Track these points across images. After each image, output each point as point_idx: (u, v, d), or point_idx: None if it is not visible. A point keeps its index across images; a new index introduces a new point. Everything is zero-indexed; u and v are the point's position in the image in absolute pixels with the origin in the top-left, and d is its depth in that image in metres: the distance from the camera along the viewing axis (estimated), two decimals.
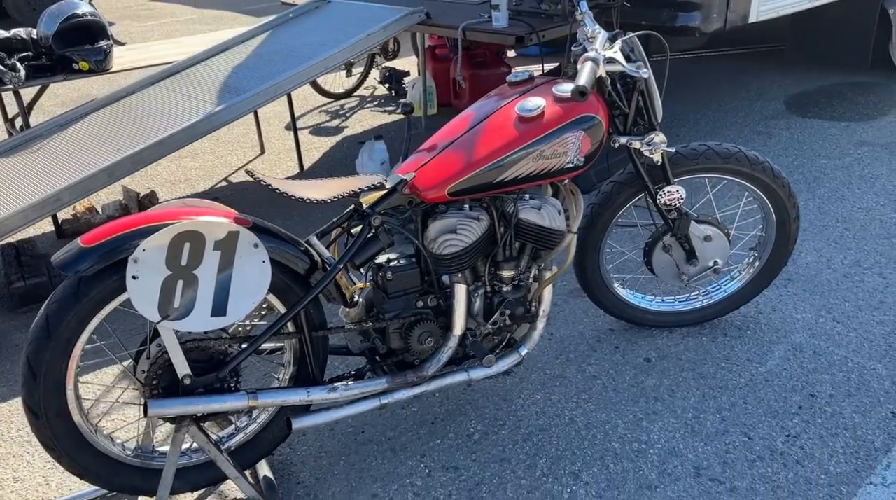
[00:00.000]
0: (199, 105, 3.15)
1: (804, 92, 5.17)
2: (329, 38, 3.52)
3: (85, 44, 3.44)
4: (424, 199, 1.95)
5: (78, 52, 3.42)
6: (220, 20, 9.72)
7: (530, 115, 1.95)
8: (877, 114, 4.66)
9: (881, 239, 3.17)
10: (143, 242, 1.64)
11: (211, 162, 4.66)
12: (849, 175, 3.82)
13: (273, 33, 3.86)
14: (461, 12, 3.89)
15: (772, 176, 2.35)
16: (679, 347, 2.59)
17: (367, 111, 5.62)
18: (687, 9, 3.65)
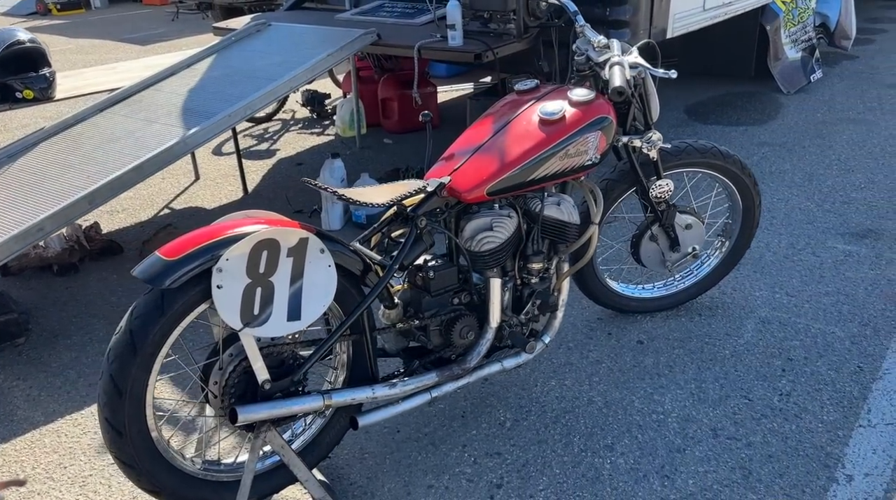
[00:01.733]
0: (166, 129, 3.08)
1: (700, 101, 5.73)
2: (286, 60, 3.55)
3: (28, 71, 3.26)
4: (464, 200, 2.07)
5: (21, 81, 3.25)
6: (101, 49, 9.27)
7: (553, 118, 2.13)
8: (767, 118, 5.25)
9: (804, 224, 3.61)
10: (227, 251, 1.64)
11: (145, 191, 4.49)
12: (760, 172, 4.30)
13: (220, 56, 3.82)
14: (406, 33, 4.03)
15: (741, 167, 2.66)
16: (664, 328, 2.83)
17: (294, 134, 5.61)
18: (618, 27, 3.99)
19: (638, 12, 3.97)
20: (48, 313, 3.15)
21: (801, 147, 4.65)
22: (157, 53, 8.77)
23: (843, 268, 3.18)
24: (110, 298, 3.25)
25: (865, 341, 2.67)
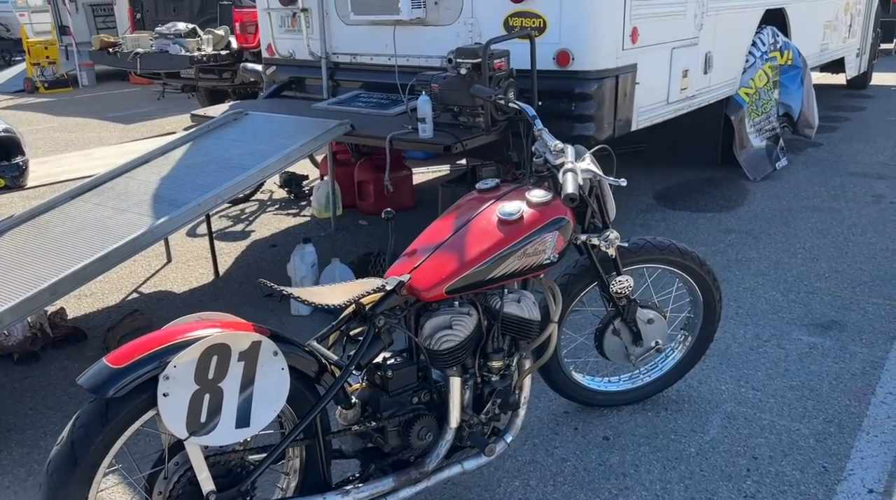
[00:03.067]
0: (135, 218, 3.09)
1: (669, 186, 5.87)
2: (260, 150, 3.61)
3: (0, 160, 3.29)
4: (423, 298, 2.08)
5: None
6: (85, 128, 9.39)
7: (511, 218, 2.17)
8: (733, 205, 5.38)
9: (770, 314, 3.65)
10: (175, 358, 1.63)
11: (115, 274, 4.46)
12: (726, 260, 4.37)
13: (195, 145, 3.88)
14: (381, 124, 4.13)
15: (699, 264, 2.71)
16: (630, 423, 2.81)
17: (270, 215, 5.65)
18: (583, 121, 4.12)
19: (602, 107, 4.11)
20: (3, 404, 3.07)
21: (766, 235, 4.74)
22: (139, 133, 8.90)
23: (807, 361, 3.19)
24: (69, 388, 3.18)
25: (830, 439, 2.66)
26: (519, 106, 2.52)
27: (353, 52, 4.88)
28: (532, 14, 4.09)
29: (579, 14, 3.95)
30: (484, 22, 4.27)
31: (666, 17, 4.46)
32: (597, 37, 3.99)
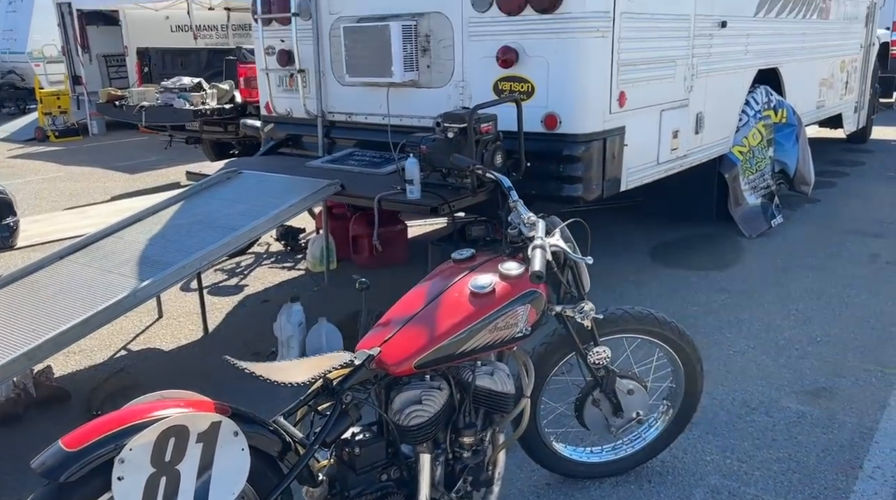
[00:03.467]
0: (119, 280, 3.11)
1: (664, 243, 5.86)
2: (250, 209, 3.65)
3: None
4: (392, 373, 2.06)
5: None
6: (91, 177, 9.53)
7: (483, 291, 2.16)
8: (728, 263, 5.36)
9: (759, 380, 3.60)
10: (131, 440, 1.62)
11: (105, 330, 4.45)
12: (719, 321, 4.33)
13: (187, 203, 3.93)
14: (372, 183, 4.17)
15: (678, 334, 2.69)
16: (612, 496, 2.75)
17: (265, 268, 5.67)
18: (571, 181, 4.15)
19: (590, 168, 4.14)
20: None
21: (760, 295, 4.71)
22: (144, 183, 9.02)
23: (795, 431, 3.14)
24: None
25: None
26: (495, 177, 2.55)
27: (348, 111, 4.96)
28: (520, 79, 4.16)
29: (566, 80, 4.02)
30: (474, 85, 4.35)
31: (654, 81, 4.53)
32: (583, 102, 4.04)
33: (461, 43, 4.33)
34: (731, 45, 5.39)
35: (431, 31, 4.43)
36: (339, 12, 4.77)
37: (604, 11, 3.96)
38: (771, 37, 6.05)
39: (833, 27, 7.50)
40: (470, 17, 4.25)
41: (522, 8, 4.03)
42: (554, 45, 4.01)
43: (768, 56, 6.08)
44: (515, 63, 4.13)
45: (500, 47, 4.14)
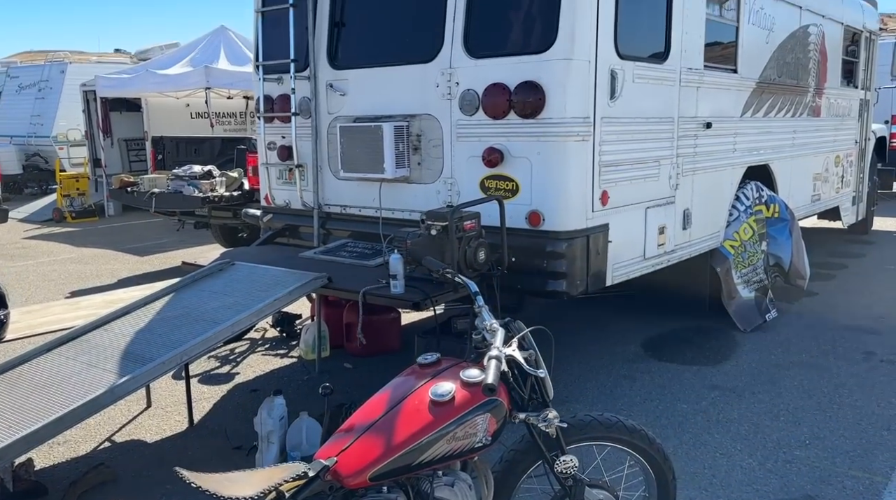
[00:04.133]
0: (100, 375, 3.16)
1: (657, 335, 5.85)
2: (236, 302, 3.72)
3: None
4: (346, 485, 2.07)
5: None
6: (101, 259, 9.73)
7: (443, 399, 2.19)
8: (721, 358, 5.33)
9: (744, 486, 3.53)
10: None
11: (92, 420, 4.47)
12: (707, 420, 4.28)
13: (176, 296, 4.02)
14: (360, 276, 4.26)
15: (648, 442, 2.67)
16: None
17: (259, 355, 5.70)
18: (555, 277, 4.22)
19: (573, 264, 4.21)
20: None
21: (751, 393, 4.66)
22: (151, 265, 9.19)
23: None
24: None
25: None
26: (463, 281, 2.61)
27: (343, 203, 5.11)
28: (506, 177, 4.30)
29: (548, 180, 4.14)
30: (462, 182, 4.49)
31: (637, 180, 4.64)
32: (565, 201, 4.15)
33: (450, 143, 4.50)
34: (718, 144, 5.55)
35: (422, 132, 4.61)
36: (336, 112, 4.99)
37: (583, 117, 4.12)
38: (760, 135, 6.21)
39: (825, 124, 7.69)
40: (458, 119, 4.43)
41: (507, 113, 4.21)
42: (536, 147, 4.16)
43: (758, 153, 6.23)
44: (500, 163, 4.28)
45: (486, 148, 4.30)
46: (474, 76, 4.33)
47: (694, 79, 5.10)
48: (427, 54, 4.52)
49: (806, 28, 6.87)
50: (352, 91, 4.91)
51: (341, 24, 4.99)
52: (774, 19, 6.19)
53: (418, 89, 4.58)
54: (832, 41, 7.55)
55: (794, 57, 6.68)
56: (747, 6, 5.70)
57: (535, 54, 4.11)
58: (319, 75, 5.02)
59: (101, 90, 12.62)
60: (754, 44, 5.92)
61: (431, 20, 4.51)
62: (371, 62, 4.82)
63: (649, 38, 4.72)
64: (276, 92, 5.26)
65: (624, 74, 4.38)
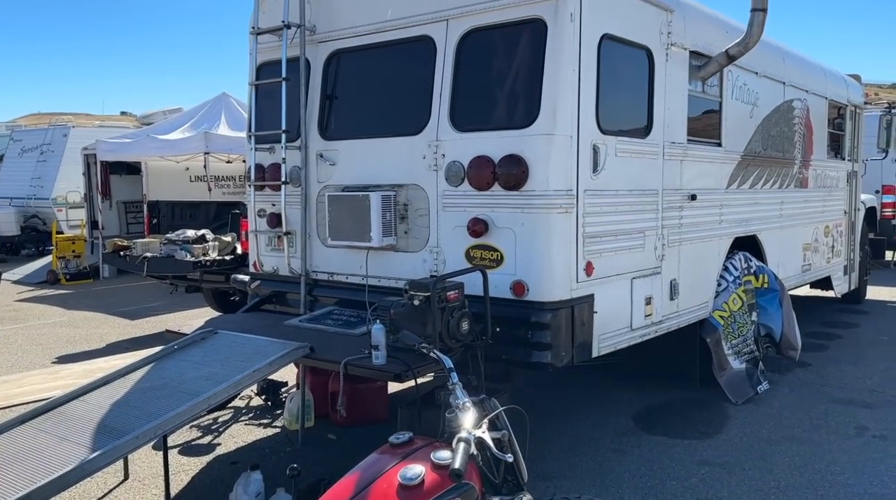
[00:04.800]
0: (73, 449, 3.10)
1: (648, 406, 5.76)
2: (215, 373, 3.68)
3: None
4: None
5: None
6: (91, 322, 9.68)
7: (412, 484, 2.14)
8: (712, 431, 5.23)
9: None
10: None
11: (67, 493, 4.37)
12: (696, 498, 4.17)
13: (156, 366, 3.98)
14: (343, 345, 4.23)
15: None
16: None
17: (242, 425, 5.60)
18: (540, 348, 4.19)
19: (558, 335, 4.18)
20: None
21: (741, 469, 4.57)
22: (142, 330, 9.14)
23: None
24: None
25: None
26: (437, 357, 2.60)
27: (330, 271, 5.12)
28: (490, 247, 4.32)
29: (532, 251, 4.17)
30: (448, 251, 4.51)
31: (622, 251, 4.67)
32: (549, 271, 4.16)
33: (436, 212, 4.55)
34: (703, 215, 5.60)
35: (409, 201, 4.66)
36: (326, 181, 5.06)
37: (566, 190, 4.18)
38: (746, 206, 6.28)
39: (813, 195, 7.78)
40: (444, 190, 4.49)
41: (491, 185, 4.27)
42: (520, 218, 4.20)
43: (745, 224, 6.28)
44: (485, 233, 4.31)
45: (471, 218, 4.34)
46: (460, 149, 4.41)
47: (677, 152, 5.19)
48: (414, 127, 4.61)
49: (790, 102, 7.04)
50: (341, 161, 4.99)
51: (333, 97, 5.11)
52: (758, 94, 6.35)
53: (406, 160, 4.66)
54: (817, 114, 7.72)
55: (779, 130, 6.81)
56: (730, 82, 5.85)
57: (518, 129, 4.19)
58: (310, 145, 5.11)
59: (101, 154, 12.81)
60: (738, 118, 6.05)
61: (419, 94, 4.62)
62: (360, 134, 4.92)
63: (631, 114, 4.83)
64: (268, 161, 5.34)
65: (606, 149, 4.47)
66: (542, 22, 4.13)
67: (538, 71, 4.14)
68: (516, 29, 4.27)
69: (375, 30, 4.84)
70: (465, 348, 4.07)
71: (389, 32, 4.78)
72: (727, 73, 5.76)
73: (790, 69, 7.01)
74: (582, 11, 4.20)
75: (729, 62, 5.46)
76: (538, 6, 4.14)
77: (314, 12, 5.12)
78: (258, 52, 5.41)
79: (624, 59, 4.68)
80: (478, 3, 4.36)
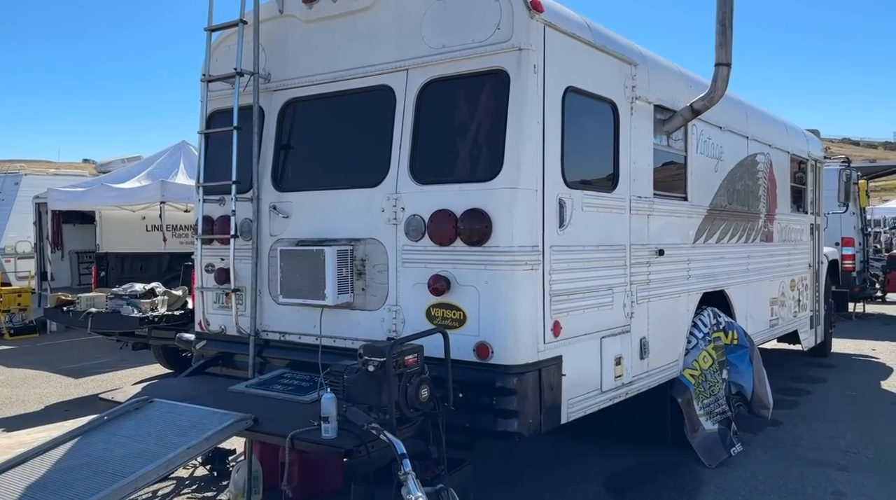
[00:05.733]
0: None
1: (621, 471, 5.47)
2: (145, 451, 3.33)
3: None
4: None
5: None
6: (32, 381, 9.10)
7: None
8: (686, 499, 4.96)
9: None
10: None
11: None
12: None
13: (82, 440, 3.60)
14: (291, 415, 3.89)
15: None
16: None
17: (184, 498, 5.16)
18: (505, 415, 3.91)
19: (525, 401, 3.92)
20: None
21: None
22: (85, 389, 8.60)
23: None
24: None
25: None
26: (388, 440, 2.32)
27: (282, 330, 4.81)
28: (452, 306, 4.08)
29: (496, 311, 3.93)
30: (407, 310, 4.25)
31: (591, 309, 4.46)
32: (514, 332, 3.92)
33: (395, 269, 4.30)
34: (672, 270, 5.44)
35: (367, 256, 4.41)
36: (279, 234, 4.79)
37: (531, 246, 3.97)
38: (714, 261, 6.16)
39: (778, 249, 7.73)
40: (404, 245, 4.25)
41: (453, 240, 4.05)
42: (484, 275, 3.97)
43: (713, 279, 6.15)
44: (447, 291, 4.07)
45: (432, 275, 4.10)
46: (420, 202, 4.19)
47: (644, 207, 5.05)
48: (373, 179, 4.40)
49: (754, 156, 7.02)
50: (295, 214, 4.73)
51: (287, 147, 4.89)
52: (723, 148, 6.30)
53: (363, 213, 4.42)
54: (780, 169, 7.74)
55: (744, 184, 6.77)
56: (695, 136, 5.79)
57: (481, 182, 4.00)
58: (263, 197, 4.85)
59: (52, 203, 12.35)
60: (704, 172, 5.98)
61: (378, 146, 4.42)
62: (316, 185, 4.68)
63: (597, 168, 4.69)
64: (217, 213, 5.06)
65: (573, 203, 4.30)
66: (504, 73, 3.99)
67: (501, 123, 3.98)
68: (478, 80, 4.12)
69: (333, 79, 4.66)
70: (426, 417, 3.78)
71: (347, 81, 4.60)
72: (692, 128, 5.70)
73: (753, 124, 7.02)
74: (545, 63, 4.07)
75: (693, 116, 5.40)
76: (500, 57, 4.00)
77: (269, 60, 4.93)
78: (210, 100, 5.19)
79: (589, 112, 4.56)
80: (438, 54, 4.21)
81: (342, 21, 4.62)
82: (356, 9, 4.54)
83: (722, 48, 5.09)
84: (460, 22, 4.13)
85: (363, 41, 4.53)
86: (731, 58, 5.13)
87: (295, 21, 4.82)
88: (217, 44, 5.20)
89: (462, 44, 4.12)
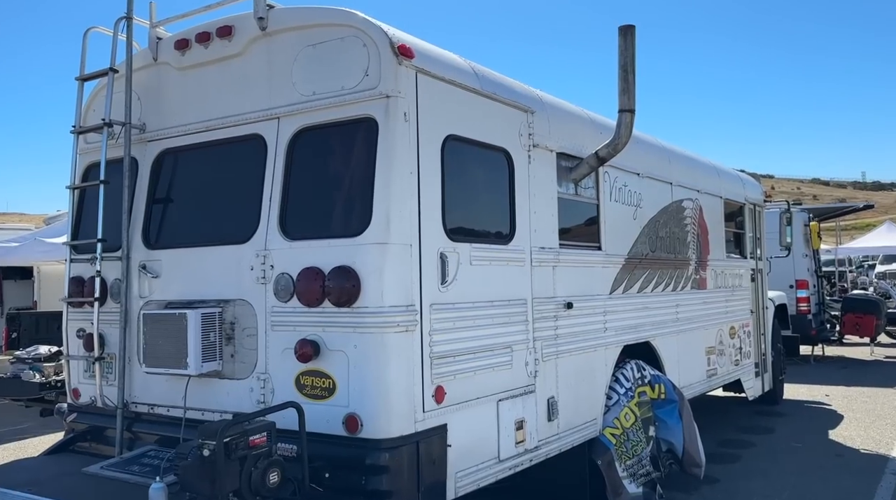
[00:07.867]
0: None
1: None
2: None
3: None
4: None
5: None
6: None
7: None
8: None
9: None
10: None
11: None
12: None
13: None
14: None
15: None
16: None
17: None
18: (378, 497, 3.50)
19: (400, 479, 3.53)
20: None
21: None
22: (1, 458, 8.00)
23: None
24: None
25: None
26: None
27: (151, 402, 4.39)
28: (321, 374, 3.71)
29: (366, 378, 3.57)
30: (276, 378, 3.88)
31: (484, 370, 4.12)
32: (385, 401, 3.56)
33: (264, 332, 3.94)
34: (584, 324, 5.13)
35: (237, 319, 4.05)
36: (148, 296, 4.42)
37: (406, 305, 3.63)
38: (636, 312, 5.86)
39: (713, 296, 7.47)
40: (273, 306, 3.90)
41: (321, 300, 3.71)
42: (353, 339, 3.62)
43: (635, 331, 5.84)
44: (315, 357, 3.71)
45: (299, 340, 3.74)
46: (289, 259, 3.86)
47: (549, 258, 4.75)
48: (243, 234, 4.06)
49: (680, 203, 6.81)
50: (165, 273, 4.37)
51: (160, 200, 4.54)
52: (641, 195, 6.07)
53: (233, 272, 4.07)
54: (712, 214, 7.53)
55: (668, 231, 6.53)
56: (608, 184, 5.54)
57: (349, 237, 3.68)
58: (132, 255, 4.48)
59: None
60: (620, 220, 5.72)
61: (248, 198, 4.10)
62: (187, 242, 4.33)
63: (489, 219, 4.40)
64: (89, 273, 4.66)
65: (458, 257, 3.99)
66: (373, 121, 3.71)
67: (370, 173, 3.68)
68: (348, 128, 3.83)
69: (206, 128, 4.35)
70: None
71: (220, 130, 4.30)
72: (603, 175, 5.46)
73: (677, 169, 6.82)
74: (419, 111, 3.80)
75: (600, 164, 5.16)
76: (368, 104, 3.73)
77: (144, 110, 4.62)
78: (86, 152, 4.86)
79: (477, 162, 4.29)
80: (309, 101, 3.93)
81: (215, 68, 4.34)
82: (228, 55, 4.27)
83: (625, 94, 4.88)
84: (330, 68, 3.87)
85: (236, 88, 4.25)
86: (634, 104, 4.92)
87: (169, 69, 4.54)
88: (94, 93, 4.91)
89: (332, 90, 3.85)
